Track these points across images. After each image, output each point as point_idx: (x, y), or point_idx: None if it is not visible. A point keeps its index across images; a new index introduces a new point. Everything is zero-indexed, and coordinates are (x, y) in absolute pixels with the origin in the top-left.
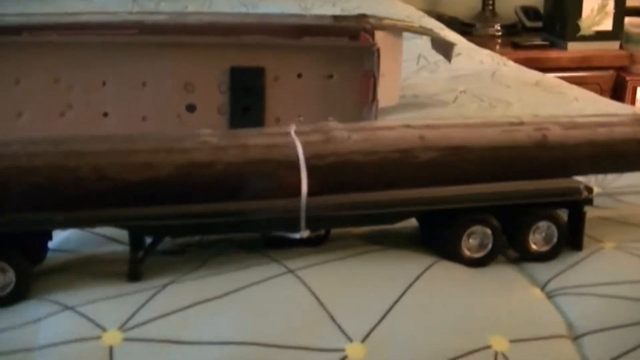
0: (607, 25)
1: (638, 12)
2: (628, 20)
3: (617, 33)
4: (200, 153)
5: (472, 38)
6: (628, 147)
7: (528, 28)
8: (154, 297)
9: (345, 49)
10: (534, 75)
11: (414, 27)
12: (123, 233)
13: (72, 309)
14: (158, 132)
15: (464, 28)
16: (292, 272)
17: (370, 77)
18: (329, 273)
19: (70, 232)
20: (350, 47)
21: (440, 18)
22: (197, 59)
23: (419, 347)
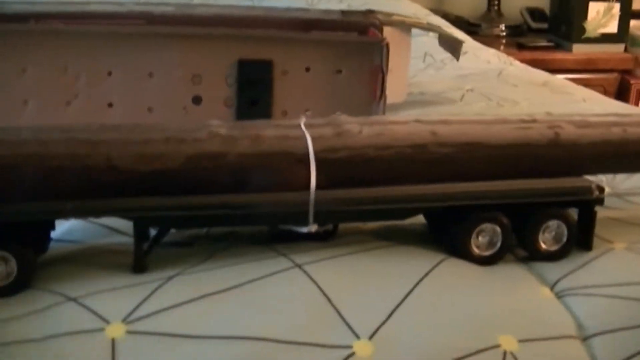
0: (612, 28)
1: None
2: (633, 23)
3: (622, 36)
4: (212, 144)
5: (477, 38)
6: None
7: (533, 29)
8: (159, 289)
9: (354, 44)
10: (541, 75)
11: (422, 23)
12: (128, 224)
13: (74, 301)
14: (168, 122)
15: (470, 28)
16: (299, 266)
17: (379, 72)
18: (337, 268)
19: (74, 222)
20: (359, 42)
21: (446, 17)
22: (204, 51)
23: (427, 344)
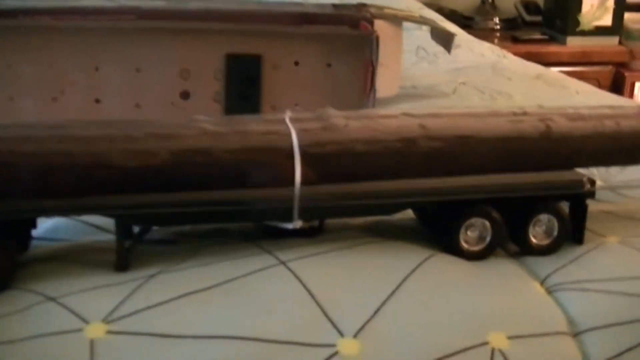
0: (606, 21)
1: (638, 8)
2: (628, 16)
3: (616, 29)
4: (197, 139)
5: (471, 31)
6: (634, 139)
7: (528, 22)
8: (140, 288)
9: (345, 38)
10: (535, 68)
11: (414, 16)
12: (112, 222)
13: (54, 300)
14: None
15: (464, 21)
16: (284, 263)
17: (369, 66)
18: (322, 265)
19: (57, 220)
20: (350, 35)
21: (440, 11)
22: (193, 46)
23: (414, 342)
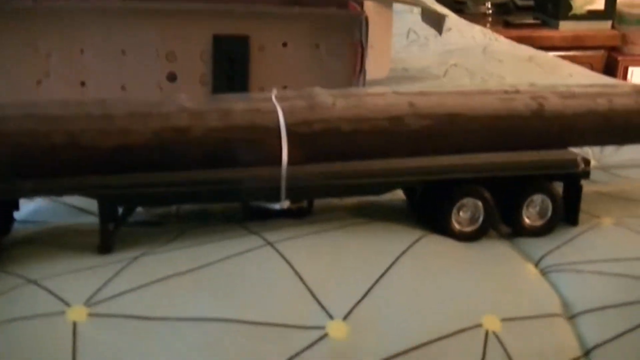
0: (599, 5)
1: None
2: (620, 0)
3: (609, 13)
4: (179, 118)
5: (463, 16)
6: (628, 118)
7: (519, 6)
8: (123, 270)
9: (333, 18)
10: (527, 51)
11: None
12: (96, 204)
13: (35, 283)
14: (133, 97)
15: (456, 6)
16: (271, 244)
17: (359, 47)
18: (310, 246)
19: (40, 202)
20: (338, 15)
21: None
22: (179, 27)
23: (405, 325)
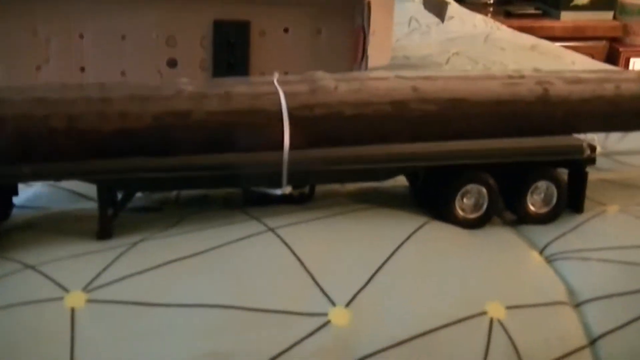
0: None
1: None
2: None
3: (611, 3)
4: (179, 101)
5: (465, 6)
6: (634, 104)
7: None
8: (122, 256)
9: (335, 3)
10: (529, 39)
11: None
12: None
13: (33, 268)
14: (133, 81)
15: None
16: (272, 230)
17: (361, 33)
18: (312, 232)
19: (39, 188)
20: (340, 1)
21: None
22: (179, 12)
23: (408, 312)
